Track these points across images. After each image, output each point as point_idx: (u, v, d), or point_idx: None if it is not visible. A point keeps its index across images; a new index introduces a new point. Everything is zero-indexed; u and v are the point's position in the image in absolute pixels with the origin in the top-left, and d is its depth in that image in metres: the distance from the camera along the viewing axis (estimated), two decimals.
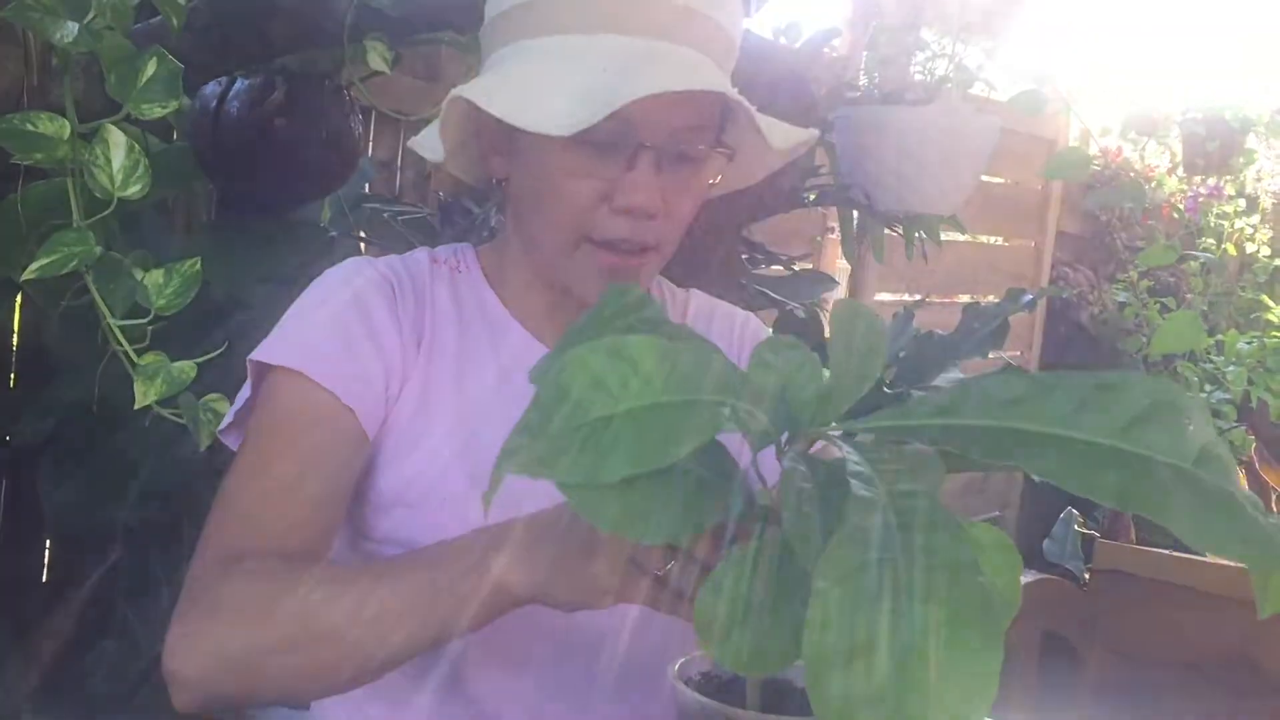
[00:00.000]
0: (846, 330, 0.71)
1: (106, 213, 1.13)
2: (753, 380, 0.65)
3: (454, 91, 0.94)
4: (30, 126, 1.13)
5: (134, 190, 1.13)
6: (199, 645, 0.81)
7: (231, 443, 1.00)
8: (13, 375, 1.79)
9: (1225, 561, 2.81)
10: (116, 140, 1.14)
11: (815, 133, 1.01)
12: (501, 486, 0.57)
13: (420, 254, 1.06)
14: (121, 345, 1.17)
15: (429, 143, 1.02)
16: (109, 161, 1.13)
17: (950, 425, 0.61)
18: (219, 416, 1.14)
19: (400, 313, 0.99)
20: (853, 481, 0.57)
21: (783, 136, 0.97)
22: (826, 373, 0.67)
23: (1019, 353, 4.39)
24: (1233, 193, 4.39)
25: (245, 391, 0.99)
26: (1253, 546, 0.54)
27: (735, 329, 1.12)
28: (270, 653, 0.79)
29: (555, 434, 0.56)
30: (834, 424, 0.64)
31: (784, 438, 0.64)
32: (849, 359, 0.69)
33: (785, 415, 0.64)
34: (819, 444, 0.65)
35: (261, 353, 0.96)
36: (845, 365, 0.68)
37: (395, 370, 0.97)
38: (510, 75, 0.93)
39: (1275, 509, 2.81)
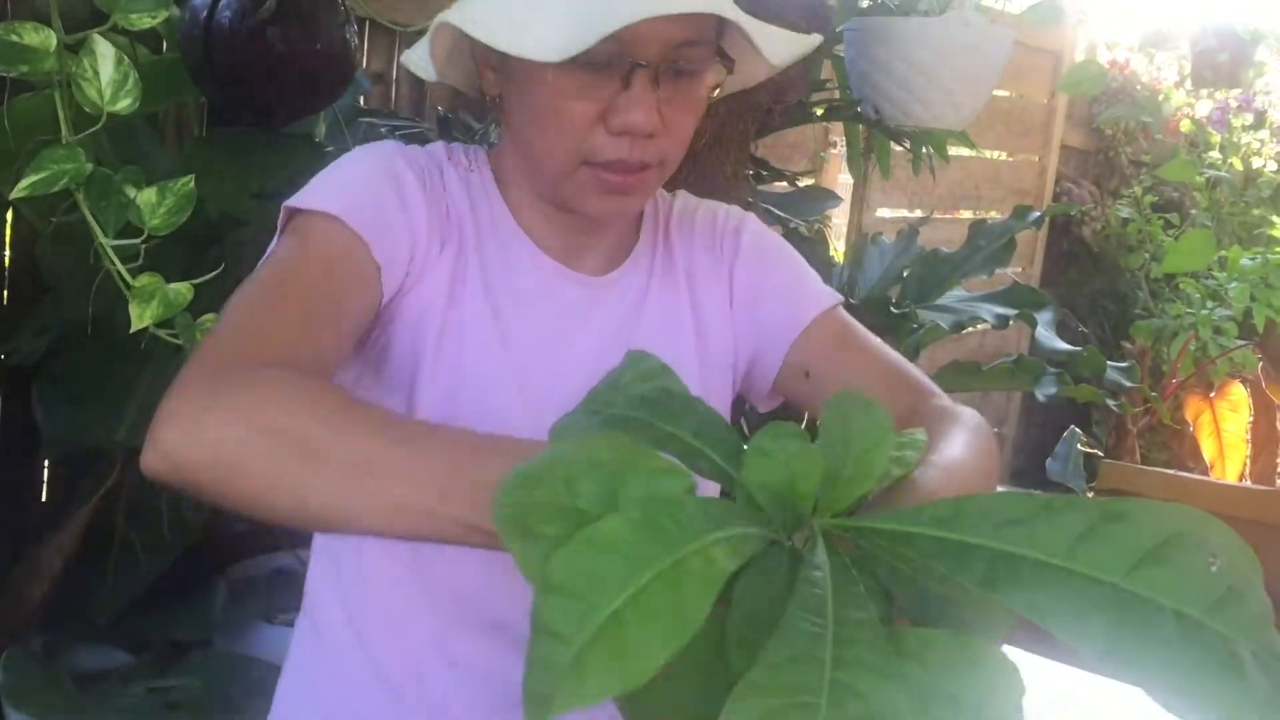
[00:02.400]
0: (843, 422, 0.68)
1: (96, 128, 1.09)
2: (750, 473, 0.62)
3: (440, 17, 0.90)
4: (15, 38, 1.08)
5: (124, 104, 1.09)
6: (195, 423, 0.74)
7: None
8: (5, 294, 1.76)
9: (1230, 481, 2.82)
10: (104, 52, 1.09)
11: (816, 39, 0.97)
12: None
13: (438, 148, 1.03)
14: (115, 266, 1.13)
15: (420, 60, 0.99)
16: (97, 74, 1.09)
17: (944, 539, 0.57)
18: None
19: (427, 198, 0.96)
20: (801, 598, 0.54)
21: (784, 50, 0.94)
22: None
23: (1020, 269, 4.36)
24: (1234, 105, 4.32)
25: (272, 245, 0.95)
26: None
27: (716, 228, 1.09)
28: (263, 457, 0.74)
29: (573, 658, 0.50)
30: (825, 521, 0.61)
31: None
32: (847, 453, 0.66)
33: (782, 510, 0.62)
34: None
35: (296, 200, 0.93)
36: (843, 460, 0.65)
37: (420, 248, 0.94)
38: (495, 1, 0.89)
39: None
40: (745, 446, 0.67)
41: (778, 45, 0.93)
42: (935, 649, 0.53)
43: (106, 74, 1.09)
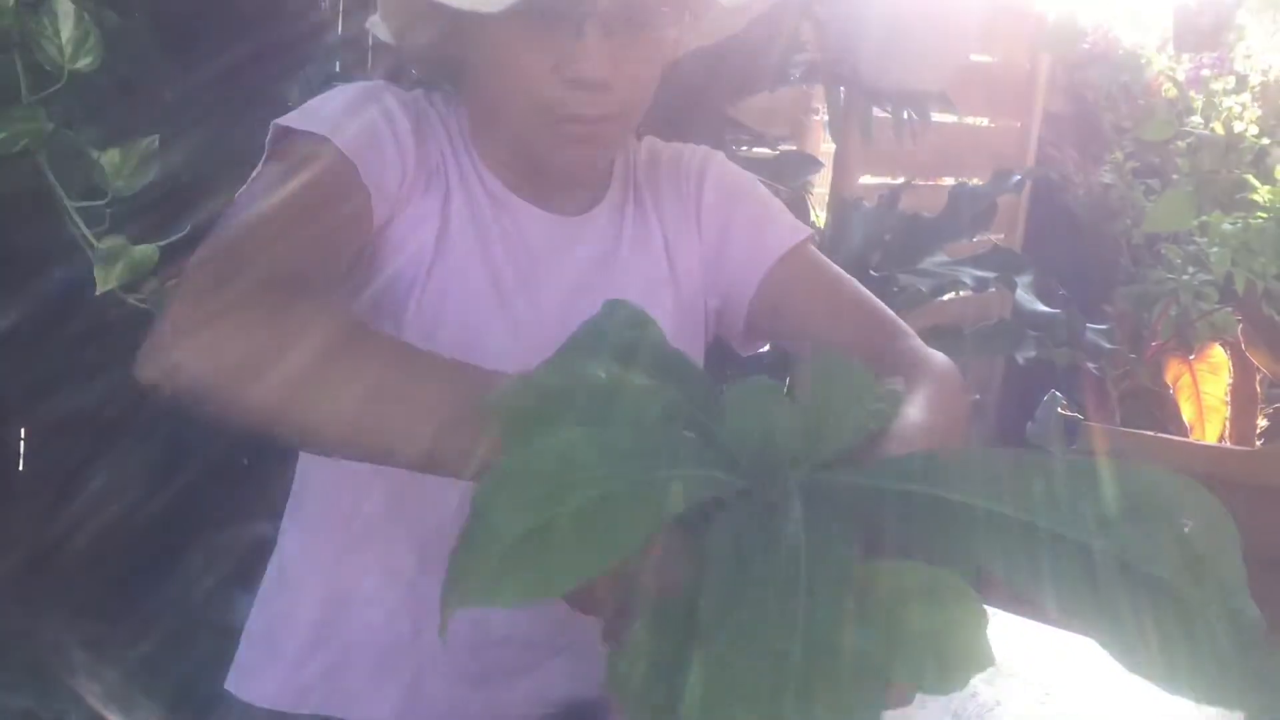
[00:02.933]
0: (823, 378, 0.67)
1: (57, 87, 1.07)
2: (728, 425, 0.61)
3: None
4: None
5: (85, 63, 1.07)
6: (204, 333, 0.73)
7: None
8: None
9: (1211, 443, 2.83)
10: (65, 10, 1.07)
11: None
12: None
13: (420, 94, 1.02)
14: (79, 228, 1.12)
15: (380, 25, 0.98)
16: (57, 33, 1.07)
17: (916, 493, 0.57)
18: None
19: (416, 134, 0.96)
20: (774, 549, 0.53)
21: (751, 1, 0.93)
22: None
23: (1002, 235, 4.35)
24: (1210, 70, 4.31)
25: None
26: (1222, 691, 0.49)
27: (682, 168, 1.08)
28: (272, 371, 0.72)
29: (499, 552, 0.50)
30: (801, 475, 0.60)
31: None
32: (825, 408, 0.65)
33: (758, 462, 0.61)
34: None
35: (287, 119, 0.92)
36: (821, 414, 0.65)
37: (408, 179, 0.94)
38: None
39: (1260, 390, 2.81)
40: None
41: None
42: (905, 585, 0.53)
43: (67, 32, 1.07)
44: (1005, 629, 1.29)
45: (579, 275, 1.00)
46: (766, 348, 1.12)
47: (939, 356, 0.94)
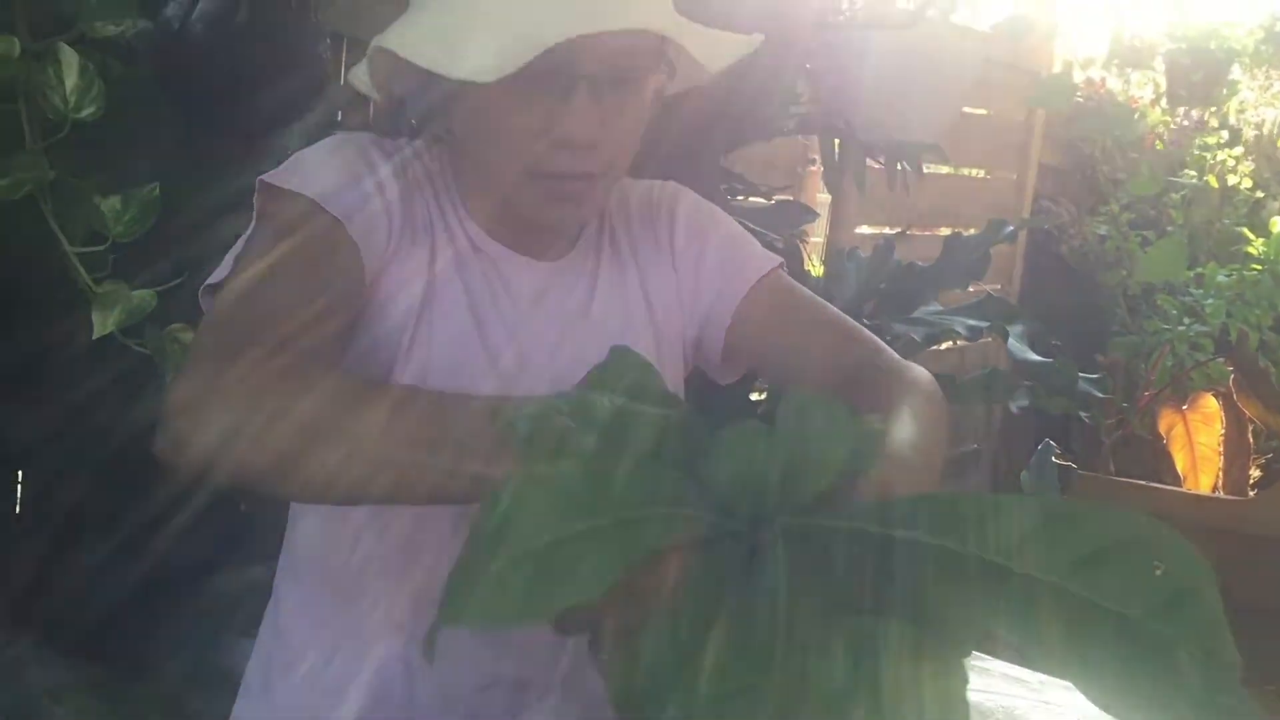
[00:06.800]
0: (801, 419, 0.69)
1: (61, 135, 1.09)
2: (713, 468, 0.63)
3: (375, 41, 0.91)
4: None
5: (88, 112, 1.10)
6: (204, 409, 0.75)
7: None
8: None
9: (1204, 492, 2.84)
10: (69, 60, 1.10)
11: (757, 39, 0.98)
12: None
13: (403, 143, 1.03)
14: (80, 273, 1.13)
15: (364, 80, 1.00)
16: (61, 82, 1.09)
17: (897, 537, 0.58)
18: (184, 347, 1.12)
19: (401, 186, 0.97)
20: (756, 590, 0.55)
21: (723, 53, 0.95)
22: None
23: (999, 286, 4.38)
24: (1215, 124, 4.36)
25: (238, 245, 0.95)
26: None
27: (653, 205, 1.10)
28: (274, 440, 0.74)
29: (495, 575, 0.53)
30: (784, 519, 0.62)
31: None
32: (806, 450, 0.67)
33: (743, 504, 0.62)
34: None
35: (272, 176, 0.93)
36: (803, 456, 0.66)
37: (395, 232, 0.95)
38: (429, 20, 0.90)
39: (1252, 440, 2.82)
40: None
41: (717, 49, 0.94)
42: (886, 639, 0.54)
43: (71, 81, 1.09)
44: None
45: (562, 321, 1.01)
46: (743, 375, 1.13)
47: (915, 369, 0.96)
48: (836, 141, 2.22)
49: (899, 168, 2.15)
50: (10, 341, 1.62)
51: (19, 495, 1.87)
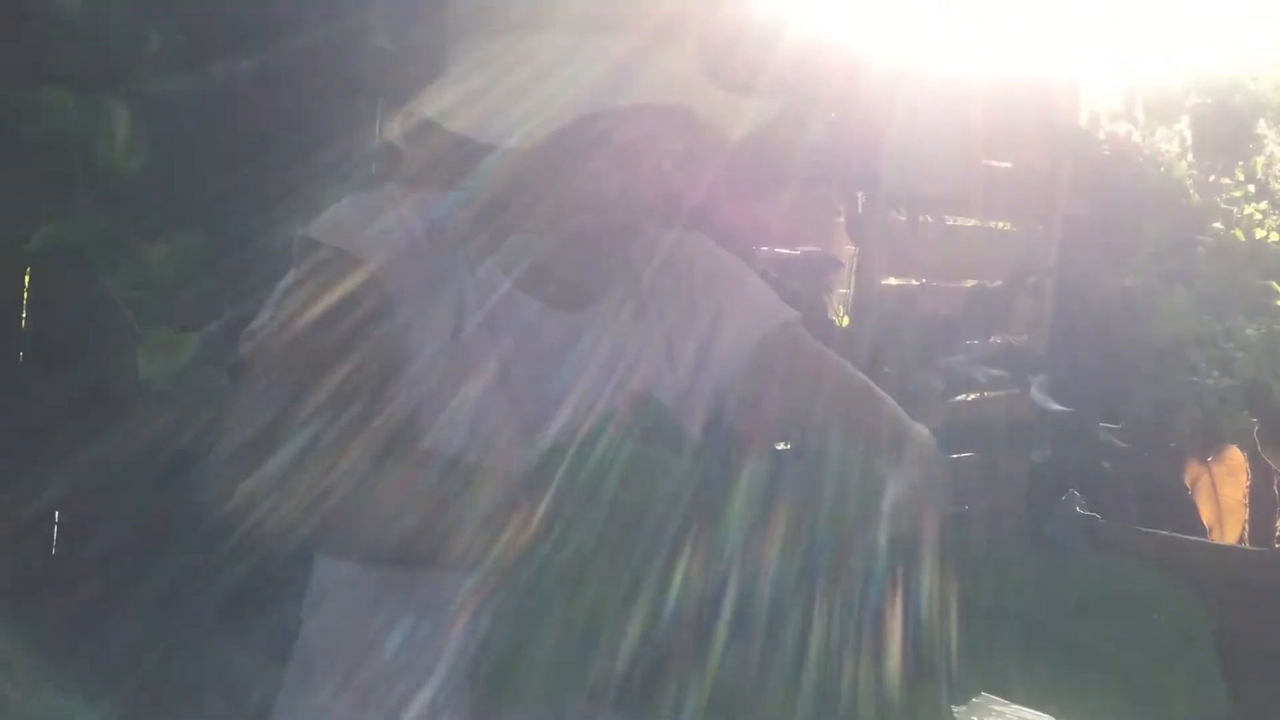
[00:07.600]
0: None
1: (110, 185, 1.14)
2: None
3: (411, 105, 0.96)
4: (32, 97, 1.13)
5: (137, 163, 1.14)
6: (251, 465, 0.85)
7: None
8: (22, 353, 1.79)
9: (1230, 544, 2.82)
10: (120, 114, 1.14)
11: (779, 104, 1.03)
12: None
13: (435, 196, 1.07)
14: (127, 318, 1.18)
15: (399, 136, 1.04)
16: (112, 135, 1.14)
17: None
18: (219, 389, 1.15)
19: (430, 239, 1.01)
20: None
21: (748, 120, 0.99)
22: None
23: (1025, 338, 4.37)
24: (1241, 177, 4.36)
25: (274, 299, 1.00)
26: None
27: (671, 254, 1.13)
28: (316, 497, 0.84)
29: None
30: None
31: None
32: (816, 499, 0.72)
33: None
34: None
35: (310, 231, 0.98)
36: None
37: (425, 283, 0.99)
38: (463, 86, 0.95)
39: (1277, 492, 2.80)
40: None
41: (738, 115, 0.98)
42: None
43: (120, 134, 1.13)
44: None
45: (584, 369, 1.04)
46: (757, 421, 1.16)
47: (917, 428, 0.99)
48: (860, 194, 2.25)
49: (920, 219, 2.18)
50: (55, 384, 1.66)
51: (54, 538, 1.90)
